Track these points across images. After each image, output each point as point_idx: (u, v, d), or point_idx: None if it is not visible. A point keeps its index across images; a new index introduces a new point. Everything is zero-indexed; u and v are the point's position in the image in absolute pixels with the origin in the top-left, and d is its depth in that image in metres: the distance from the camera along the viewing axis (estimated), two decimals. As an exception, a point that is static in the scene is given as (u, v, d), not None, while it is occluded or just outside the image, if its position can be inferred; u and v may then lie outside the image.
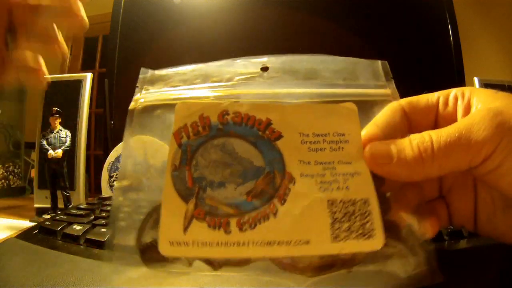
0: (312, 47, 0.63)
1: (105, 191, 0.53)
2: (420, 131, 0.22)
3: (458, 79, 0.58)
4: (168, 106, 0.22)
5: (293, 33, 0.64)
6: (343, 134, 0.20)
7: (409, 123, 0.23)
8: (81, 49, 1.68)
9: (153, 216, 0.20)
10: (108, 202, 0.41)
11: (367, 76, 0.24)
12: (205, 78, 0.23)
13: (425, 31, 0.61)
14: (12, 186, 0.83)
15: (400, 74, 0.26)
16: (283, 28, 0.64)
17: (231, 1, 0.65)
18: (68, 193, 0.53)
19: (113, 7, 0.67)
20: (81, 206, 0.40)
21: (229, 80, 0.23)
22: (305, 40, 0.63)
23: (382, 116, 0.23)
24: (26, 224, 0.51)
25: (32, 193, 0.70)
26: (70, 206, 0.52)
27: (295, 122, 0.20)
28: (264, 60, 0.24)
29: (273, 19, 0.64)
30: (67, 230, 0.31)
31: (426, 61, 0.60)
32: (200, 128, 0.20)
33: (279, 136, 0.20)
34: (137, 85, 0.24)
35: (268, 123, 0.20)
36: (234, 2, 0.65)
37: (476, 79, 0.62)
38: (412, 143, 0.20)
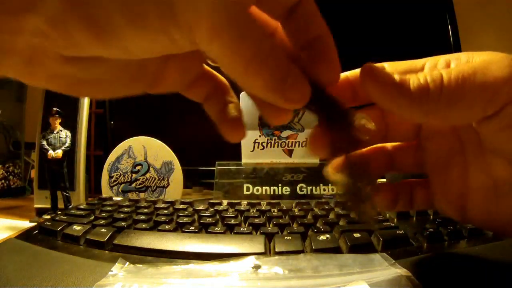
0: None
1: (105, 192, 0.53)
2: None
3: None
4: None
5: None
6: None
7: None
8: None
9: None
10: (108, 203, 0.41)
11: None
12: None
13: (425, 31, 0.61)
14: (12, 186, 0.83)
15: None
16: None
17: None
18: (68, 193, 0.53)
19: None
20: (81, 207, 0.40)
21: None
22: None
23: (353, 71, 0.21)
24: (26, 224, 0.51)
25: (32, 193, 0.70)
26: (70, 206, 0.52)
27: None
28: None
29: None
30: (67, 231, 0.31)
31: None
32: None
33: None
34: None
35: None
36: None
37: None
38: (418, 75, 0.17)
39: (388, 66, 0.19)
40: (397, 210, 0.25)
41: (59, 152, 0.52)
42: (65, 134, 0.54)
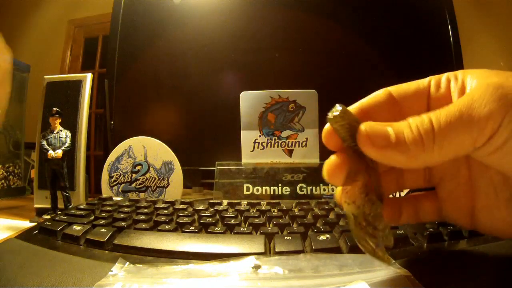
0: (311, 47, 0.63)
1: (105, 192, 0.53)
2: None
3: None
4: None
5: (293, 32, 0.64)
6: None
7: (399, 109, 0.22)
8: (81, 49, 1.68)
9: None
10: (108, 203, 0.41)
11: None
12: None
13: (425, 31, 0.61)
14: (12, 186, 0.83)
15: (400, 74, 0.26)
16: (284, 28, 0.64)
17: (231, 1, 0.65)
18: (68, 193, 0.53)
19: (113, 7, 0.67)
20: (81, 207, 0.40)
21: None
22: (305, 40, 0.63)
23: (366, 98, 0.22)
24: (26, 224, 0.51)
25: (32, 193, 0.70)
26: (70, 206, 0.51)
27: None
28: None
29: (273, 19, 0.64)
30: (67, 231, 0.31)
31: (426, 61, 0.60)
32: None
33: None
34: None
35: None
36: (234, 2, 0.65)
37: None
38: (411, 125, 0.18)
39: (385, 124, 0.20)
40: (402, 223, 0.25)
41: (59, 152, 0.52)
42: (65, 134, 0.54)
